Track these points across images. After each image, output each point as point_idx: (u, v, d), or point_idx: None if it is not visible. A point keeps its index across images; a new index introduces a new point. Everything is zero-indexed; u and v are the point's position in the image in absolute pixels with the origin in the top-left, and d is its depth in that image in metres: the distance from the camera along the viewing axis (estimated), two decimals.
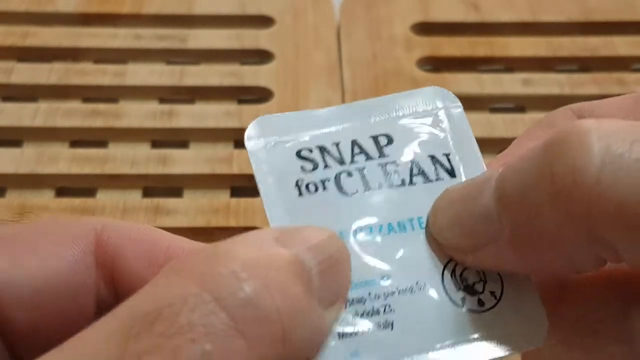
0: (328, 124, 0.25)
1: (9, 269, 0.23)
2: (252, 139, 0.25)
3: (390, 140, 0.25)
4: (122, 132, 0.48)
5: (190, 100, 0.50)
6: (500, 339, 0.24)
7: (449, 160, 0.25)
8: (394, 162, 0.25)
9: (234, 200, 0.44)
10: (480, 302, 0.24)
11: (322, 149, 0.25)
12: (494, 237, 0.23)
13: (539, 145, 0.23)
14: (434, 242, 0.24)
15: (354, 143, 0.25)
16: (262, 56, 0.53)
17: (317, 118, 0.25)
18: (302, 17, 0.55)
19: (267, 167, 0.24)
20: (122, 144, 0.47)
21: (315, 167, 0.25)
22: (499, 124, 0.48)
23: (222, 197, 0.45)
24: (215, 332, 0.19)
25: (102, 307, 0.25)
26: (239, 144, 0.48)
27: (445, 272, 0.24)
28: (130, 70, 0.51)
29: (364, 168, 0.25)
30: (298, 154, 0.25)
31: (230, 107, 0.50)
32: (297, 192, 0.24)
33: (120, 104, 0.50)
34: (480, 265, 0.24)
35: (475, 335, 0.24)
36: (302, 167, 0.24)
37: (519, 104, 0.51)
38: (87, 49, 0.52)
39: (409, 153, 0.25)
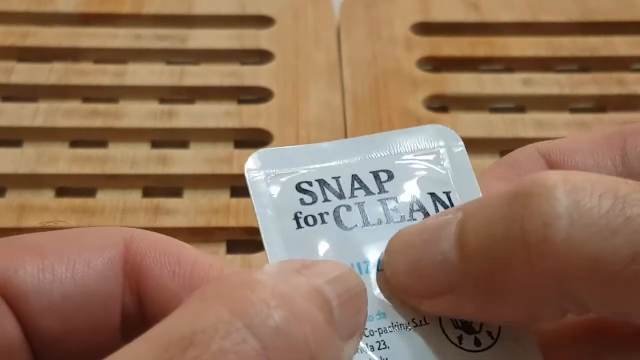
0: (328, 158, 0.25)
1: (39, 275, 0.24)
2: (252, 171, 0.25)
3: (390, 177, 0.25)
4: (122, 132, 0.48)
5: (190, 100, 0.50)
6: None
7: (449, 197, 0.25)
8: (393, 198, 0.25)
9: (234, 200, 0.44)
10: (477, 342, 0.24)
11: (322, 183, 0.25)
12: (453, 287, 0.23)
13: (504, 195, 0.22)
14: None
15: (354, 178, 0.25)
16: (262, 56, 0.53)
17: (318, 152, 0.25)
18: (302, 17, 0.55)
19: (267, 199, 0.24)
20: (122, 144, 0.47)
21: (314, 201, 0.25)
22: (499, 124, 0.48)
23: (222, 197, 0.45)
24: (246, 359, 0.19)
25: (127, 316, 0.25)
26: (239, 144, 0.48)
27: None
28: (130, 70, 0.51)
29: (363, 203, 0.25)
30: (298, 187, 0.25)
31: (230, 107, 0.50)
32: (295, 225, 0.24)
33: (120, 104, 0.50)
34: (435, 312, 0.24)
35: None
36: (301, 200, 0.24)
37: (519, 104, 0.51)
38: (87, 49, 0.52)
39: (409, 190, 0.25)
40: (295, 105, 0.49)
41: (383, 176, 0.25)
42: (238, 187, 0.45)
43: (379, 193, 0.25)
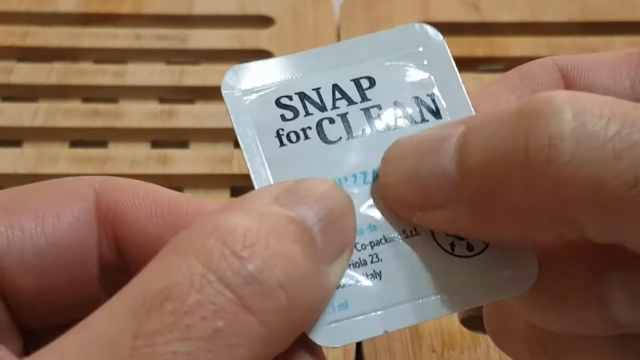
0: (307, 69, 0.25)
1: (8, 233, 0.23)
2: (229, 91, 0.24)
3: (372, 83, 0.24)
4: (122, 132, 0.48)
5: (190, 100, 0.50)
6: (489, 284, 0.23)
7: (433, 100, 0.25)
8: (377, 106, 0.24)
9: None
10: (470, 247, 0.23)
11: (302, 96, 0.24)
12: (449, 200, 0.23)
13: (510, 112, 0.22)
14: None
15: (334, 87, 0.24)
16: (262, 56, 0.53)
17: (296, 63, 0.25)
18: (302, 17, 0.55)
19: (247, 118, 0.24)
20: (122, 144, 0.47)
21: (296, 115, 0.24)
22: None
23: (222, 197, 0.45)
24: (224, 309, 0.19)
25: (106, 265, 0.25)
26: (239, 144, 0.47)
27: None
28: (130, 70, 0.51)
29: (346, 113, 0.24)
30: (277, 103, 0.24)
31: None
32: (278, 142, 0.24)
33: (120, 104, 0.50)
34: (427, 224, 0.23)
35: (466, 280, 0.23)
36: (282, 116, 0.24)
37: None
38: (87, 49, 0.52)
39: (392, 95, 0.24)
40: None
41: (365, 83, 0.24)
42: (238, 187, 0.45)
43: (361, 102, 0.24)
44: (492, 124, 0.22)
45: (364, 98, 0.24)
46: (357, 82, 0.24)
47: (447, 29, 0.55)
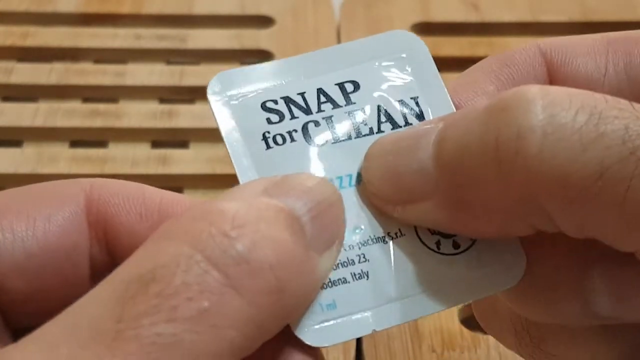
0: (292, 74, 0.25)
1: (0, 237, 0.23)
2: (215, 94, 0.24)
3: (356, 87, 0.25)
4: (122, 132, 0.48)
5: (190, 100, 0.50)
6: (477, 280, 0.23)
7: (417, 103, 0.25)
8: (361, 110, 0.25)
9: None
10: (456, 245, 0.24)
11: (288, 100, 0.24)
12: (427, 195, 0.23)
13: (484, 107, 0.22)
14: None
15: (319, 92, 0.25)
16: (262, 56, 0.53)
17: (280, 69, 0.25)
18: (302, 17, 0.55)
19: (233, 122, 0.24)
20: (122, 144, 0.47)
21: (281, 119, 0.24)
22: None
23: None
24: (210, 289, 0.19)
25: (97, 267, 0.25)
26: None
27: None
28: (130, 70, 0.51)
29: (331, 117, 0.24)
30: (263, 106, 0.24)
31: None
32: (264, 146, 0.24)
33: (120, 104, 0.50)
34: (407, 219, 0.24)
35: (453, 278, 0.23)
36: (268, 119, 0.24)
37: None
38: (87, 49, 0.52)
39: (376, 99, 0.25)
40: None
41: (349, 87, 0.25)
42: None
43: (346, 105, 0.24)
44: (467, 119, 0.22)
45: (349, 101, 0.25)
46: (341, 86, 0.25)
47: (447, 29, 0.55)
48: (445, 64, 0.53)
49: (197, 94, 0.50)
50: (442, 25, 0.55)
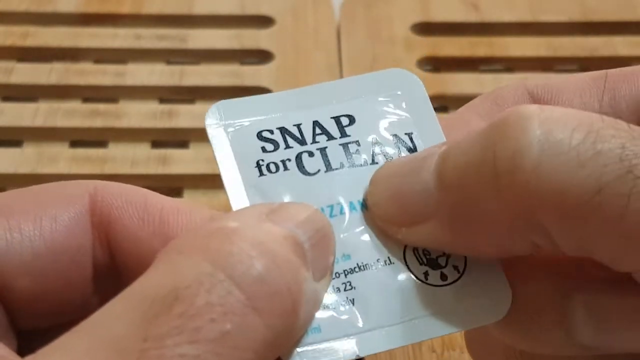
0: (288, 107, 0.25)
1: (7, 236, 0.23)
2: (212, 123, 0.25)
3: (352, 121, 0.25)
4: (122, 132, 0.48)
5: (190, 100, 0.50)
6: (463, 313, 0.24)
7: (411, 139, 0.25)
8: (356, 142, 0.25)
9: None
10: (443, 276, 0.24)
11: (284, 130, 0.25)
12: (430, 215, 0.23)
13: (483, 128, 0.22)
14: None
15: (315, 124, 0.25)
16: (262, 56, 0.53)
17: (278, 100, 0.25)
18: (302, 17, 0.55)
19: (228, 149, 0.24)
20: (122, 144, 0.47)
21: (276, 148, 0.24)
22: None
23: (222, 197, 0.45)
24: (232, 310, 0.19)
25: (99, 269, 0.25)
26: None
27: (407, 248, 0.24)
28: (130, 70, 0.51)
29: (325, 148, 0.25)
30: (259, 136, 0.25)
31: None
32: (257, 172, 0.24)
33: (120, 104, 0.50)
34: (411, 241, 0.24)
35: (438, 309, 0.24)
36: (262, 148, 0.24)
37: None
38: (87, 49, 0.52)
39: (371, 133, 0.25)
40: None
41: (344, 120, 0.25)
42: None
43: (340, 137, 0.25)
44: (467, 140, 0.23)
45: (343, 134, 0.25)
46: (337, 119, 0.25)
47: (447, 29, 0.55)
48: (445, 64, 0.53)
49: (197, 94, 0.50)
50: (442, 25, 0.55)
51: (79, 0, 0.55)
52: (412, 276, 0.24)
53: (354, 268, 0.24)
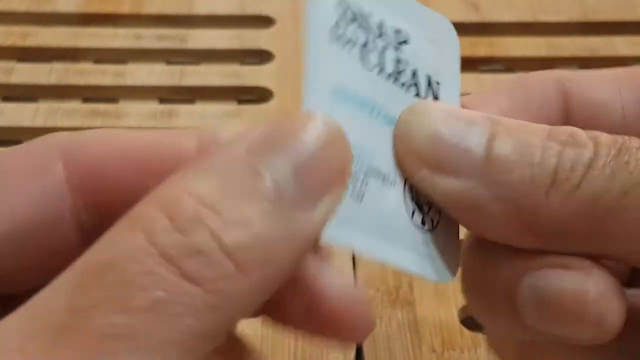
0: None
1: None
2: None
3: (406, 41, 0.26)
4: None
5: (190, 100, 0.50)
6: (423, 259, 0.25)
7: (438, 88, 0.26)
8: (405, 61, 0.25)
9: None
10: (423, 222, 0.25)
11: (355, 13, 0.25)
12: (467, 174, 0.23)
13: (543, 132, 0.24)
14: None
15: (381, 24, 0.25)
16: (262, 56, 0.53)
17: None
18: (302, 17, 0.55)
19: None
20: None
21: (354, 19, 0.24)
22: None
23: None
24: (165, 279, 0.19)
25: (90, 229, 0.24)
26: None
27: (407, 182, 0.24)
28: (130, 70, 0.51)
29: (385, 50, 0.25)
30: (338, 4, 0.24)
31: (230, 107, 0.50)
32: (330, 35, 0.24)
33: (120, 104, 0.50)
34: (429, 185, 0.24)
35: (408, 246, 0.24)
36: (339, 17, 0.24)
37: None
38: (87, 49, 0.52)
39: (416, 60, 0.26)
40: (295, 106, 0.48)
41: (401, 37, 0.26)
42: None
43: (395, 51, 0.25)
44: (524, 135, 0.24)
45: (399, 49, 0.25)
46: (397, 32, 0.26)
47: None
48: None
49: (197, 94, 0.50)
50: None
51: (79, 0, 0.55)
52: (404, 207, 0.24)
53: (371, 170, 0.24)
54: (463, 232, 0.25)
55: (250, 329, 0.25)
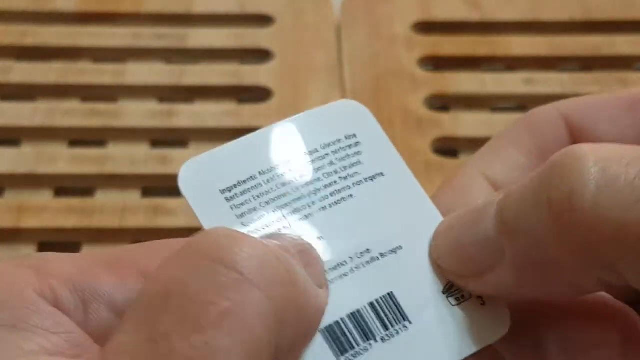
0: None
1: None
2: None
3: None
4: (121, 131, 0.47)
5: (190, 100, 0.50)
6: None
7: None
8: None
9: None
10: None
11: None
12: (495, 264, 0.23)
13: (536, 173, 0.23)
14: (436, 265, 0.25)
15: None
16: (262, 56, 0.53)
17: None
18: (302, 17, 0.55)
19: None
20: (121, 144, 0.47)
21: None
22: (500, 124, 0.48)
23: None
24: (227, 288, 0.19)
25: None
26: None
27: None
28: (130, 69, 0.51)
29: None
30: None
31: (230, 106, 0.49)
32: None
33: (119, 103, 0.50)
34: (481, 290, 0.24)
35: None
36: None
37: (520, 104, 0.50)
38: (86, 48, 0.52)
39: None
40: (295, 105, 0.49)
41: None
42: None
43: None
44: (523, 186, 0.23)
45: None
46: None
47: (448, 28, 0.54)
48: (446, 63, 0.53)
49: (196, 93, 0.50)
50: (443, 24, 0.54)
51: None
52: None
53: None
54: None
55: None
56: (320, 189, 0.25)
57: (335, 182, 0.25)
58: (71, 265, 0.22)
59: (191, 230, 0.44)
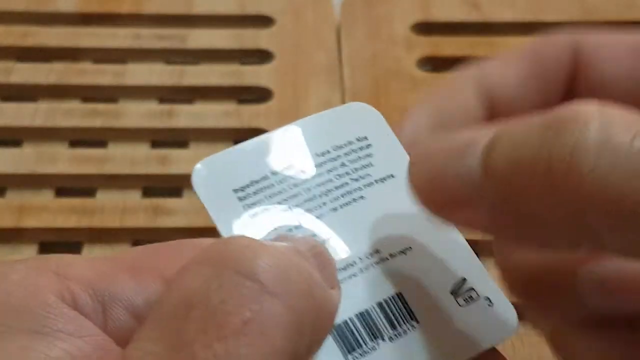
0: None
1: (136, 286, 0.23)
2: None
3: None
4: (121, 132, 0.47)
5: (190, 100, 0.50)
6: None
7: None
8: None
9: None
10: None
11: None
12: (472, 202, 0.23)
13: (538, 122, 0.22)
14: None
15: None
16: (262, 56, 0.53)
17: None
18: (302, 17, 0.55)
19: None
20: (121, 144, 0.47)
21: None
22: None
23: None
24: (248, 299, 0.19)
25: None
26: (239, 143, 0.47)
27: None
28: (130, 70, 0.51)
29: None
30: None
31: (230, 107, 0.49)
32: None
33: (119, 103, 0.50)
34: (450, 220, 0.24)
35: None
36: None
37: None
38: (87, 48, 0.52)
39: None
40: (295, 105, 0.49)
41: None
42: None
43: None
44: (520, 132, 0.22)
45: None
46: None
47: (448, 28, 0.55)
48: (445, 64, 0.53)
49: (196, 93, 0.50)
50: (442, 25, 0.55)
51: (78, 0, 0.55)
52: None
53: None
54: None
55: None
56: (331, 190, 0.25)
57: (346, 183, 0.25)
58: (90, 269, 0.22)
59: (191, 231, 0.44)
